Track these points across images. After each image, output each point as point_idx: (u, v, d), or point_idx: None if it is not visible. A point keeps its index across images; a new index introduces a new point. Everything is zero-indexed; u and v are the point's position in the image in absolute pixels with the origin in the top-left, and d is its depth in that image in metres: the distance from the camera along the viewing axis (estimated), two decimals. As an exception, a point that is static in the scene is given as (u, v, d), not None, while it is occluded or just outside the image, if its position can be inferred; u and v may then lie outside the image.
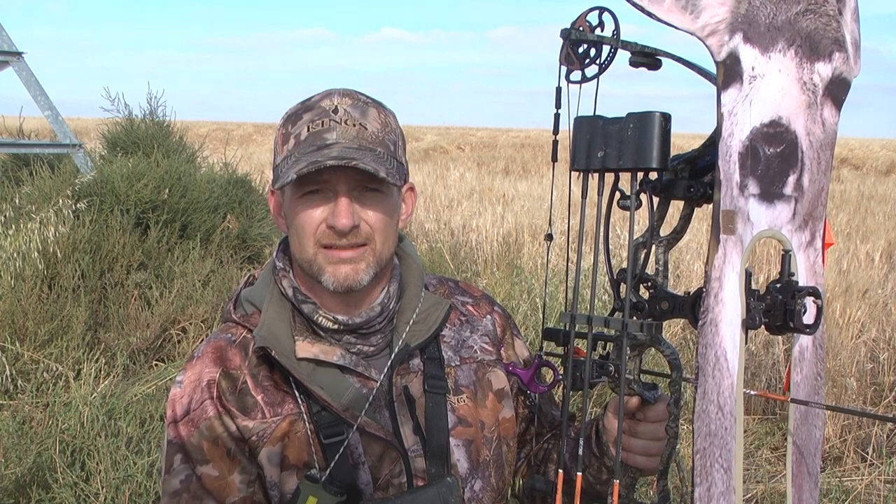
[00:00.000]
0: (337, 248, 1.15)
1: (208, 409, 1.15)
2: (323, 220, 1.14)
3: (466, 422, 1.23)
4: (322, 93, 1.19)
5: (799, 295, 0.87)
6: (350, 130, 1.14)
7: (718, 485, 0.85)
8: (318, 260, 1.16)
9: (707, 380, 0.84)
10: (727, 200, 0.86)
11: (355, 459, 1.15)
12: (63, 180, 6.34)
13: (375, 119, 1.17)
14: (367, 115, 1.17)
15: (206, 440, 1.15)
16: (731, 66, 0.86)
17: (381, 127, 1.17)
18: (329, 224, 1.14)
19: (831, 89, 0.96)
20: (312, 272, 1.18)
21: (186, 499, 1.13)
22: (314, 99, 1.18)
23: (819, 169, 0.96)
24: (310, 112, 1.16)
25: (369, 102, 1.19)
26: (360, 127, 1.15)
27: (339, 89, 1.19)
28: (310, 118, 1.15)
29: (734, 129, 0.86)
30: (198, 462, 1.14)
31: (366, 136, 1.15)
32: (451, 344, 1.27)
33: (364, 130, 1.15)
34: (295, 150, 1.15)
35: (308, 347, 1.17)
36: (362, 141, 1.14)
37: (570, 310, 0.98)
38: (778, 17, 0.90)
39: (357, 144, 1.14)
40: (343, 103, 1.16)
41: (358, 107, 1.17)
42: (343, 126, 1.14)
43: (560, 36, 0.99)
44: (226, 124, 37.83)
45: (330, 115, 1.15)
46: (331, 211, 1.14)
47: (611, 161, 0.92)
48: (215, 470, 1.14)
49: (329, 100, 1.17)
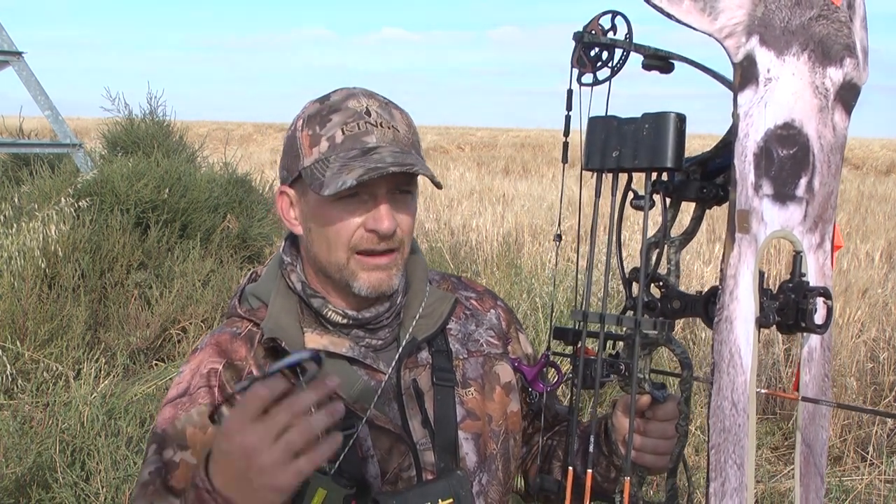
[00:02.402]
0: (373, 255, 1.15)
1: (203, 396, 1.15)
2: (361, 225, 1.14)
3: (475, 415, 1.23)
4: (342, 92, 1.17)
5: (810, 295, 0.88)
6: (388, 133, 1.14)
7: (732, 481, 0.86)
8: (350, 266, 1.15)
9: (722, 376, 0.85)
10: (742, 200, 0.87)
11: (364, 452, 1.15)
12: (63, 180, 6.34)
13: (402, 121, 1.17)
14: (394, 118, 1.17)
15: (192, 426, 1.14)
16: (748, 68, 0.87)
17: (407, 129, 1.18)
18: (370, 228, 1.13)
19: (842, 94, 0.97)
20: (342, 277, 1.16)
21: (152, 490, 1.12)
22: (335, 99, 1.16)
23: (829, 172, 0.97)
24: (338, 114, 1.14)
25: (389, 103, 1.19)
26: (394, 130, 1.15)
27: (359, 89, 1.18)
28: (341, 120, 1.14)
29: (749, 131, 0.87)
30: (178, 448, 1.13)
31: (399, 138, 1.15)
32: (457, 337, 1.28)
33: (398, 133, 1.15)
34: (332, 153, 1.13)
35: (317, 339, 1.17)
36: (400, 144, 1.14)
37: (582, 307, 0.99)
38: (793, 21, 0.91)
39: (399, 148, 1.14)
40: (372, 105, 1.16)
41: (385, 108, 1.17)
42: (380, 129, 1.14)
43: (573, 39, 0.99)
44: (226, 124, 37.78)
45: (364, 117, 1.14)
46: (370, 215, 1.13)
47: (626, 161, 0.93)
48: (194, 458, 1.13)
49: (356, 101, 1.15)
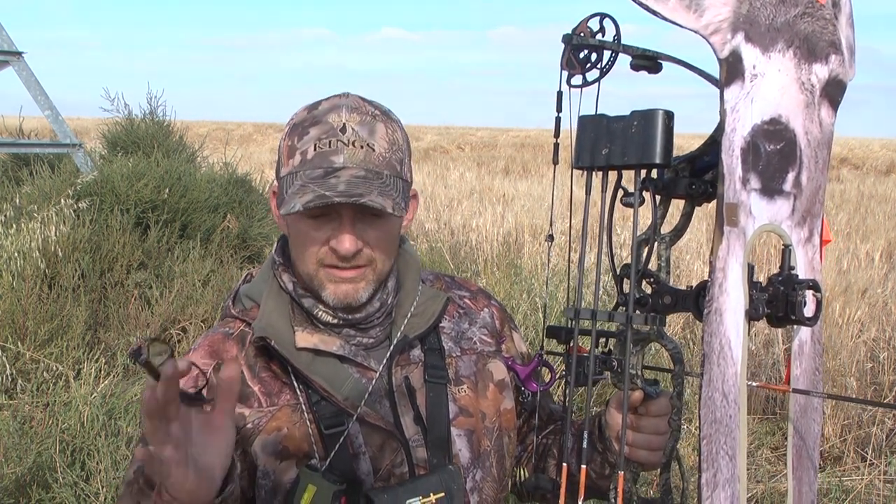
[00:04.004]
0: (339, 269, 1.16)
1: None
2: (326, 242, 1.15)
3: (467, 412, 1.24)
4: (329, 101, 1.17)
5: (799, 287, 0.89)
6: (358, 153, 1.13)
7: (724, 471, 0.87)
8: (318, 276, 1.17)
9: (712, 368, 0.87)
10: (730, 194, 0.88)
11: (355, 449, 1.16)
12: (63, 180, 6.34)
13: (383, 137, 1.16)
14: (374, 134, 1.16)
15: None
16: (734, 63, 0.89)
17: (388, 146, 1.16)
18: (332, 247, 1.14)
19: (828, 90, 0.98)
20: (313, 286, 1.19)
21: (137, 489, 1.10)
22: (321, 109, 1.17)
23: (817, 167, 0.98)
24: (317, 127, 1.15)
25: (377, 116, 1.18)
26: (367, 149, 1.14)
27: (347, 101, 1.17)
28: (317, 135, 1.14)
29: (736, 126, 0.89)
30: None
31: (373, 158, 1.14)
32: (450, 335, 1.28)
33: (371, 152, 1.14)
34: (301, 169, 1.14)
35: (308, 337, 1.18)
36: (369, 164, 1.14)
37: (574, 304, 1.00)
38: (777, 18, 0.92)
39: (364, 169, 1.13)
40: (351, 120, 1.15)
41: (366, 124, 1.16)
42: (351, 148, 1.13)
43: (562, 41, 1.01)
44: (226, 124, 37.80)
45: (338, 134, 1.14)
46: (334, 234, 1.14)
47: (615, 158, 0.94)
48: None
49: (337, 115, 1.15)
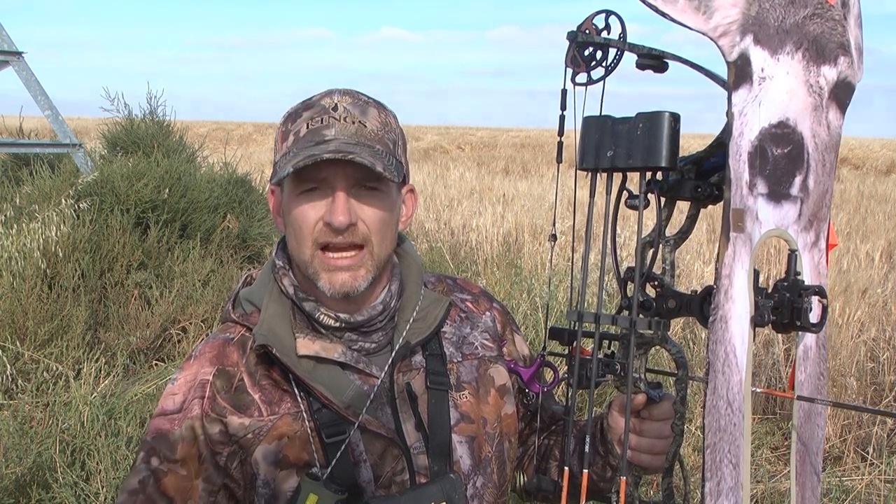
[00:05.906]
0: (334, 250, 1.15)
1: (195, 408, 1.15)
2: (320, 218, 1.14)
3: (469, 418, 1.23)
4: (323, 92, 1.20)
5: (805, 293, 0.88)
6: (349, 127, 1.15)
7: (727, 480, 0.86)
8: (314, 263, 1.16)
9: (717, 375, 0.85)
10: (737, 199, 0.87)
11: (356, 457, 1.15)
12: (63, 180, 6.33)
13: (375, 118, 1.18)
14: (366, 114, 1.17)
15: (183, 440, 1.14)
16: (742, 66, 0.87)
17: (380, 126, 1.18)
18: (326, 221, 1.13)
19: (836, 92, 0.97)
20: (309, 275, 1.17)
21: (142, 499, 1.13)
22: (314, 98, 1.19)
23: (824, 171, 0.97)
24: (310, 110, 1.17)
25: (370, 102, 1.19)
26: (359, 124, 1.15)
27: (340, 88, 1.19)
28: (309, 115, 1.16)
29: (744, 129, 0.87)
30: (167, 459, 1.14)
31: (365, 133, 1.15)
32: (452, 340, 1.27)
33: (363, 128, 1.16)
34: (293, 147, 1.15)
35: (309, 345, 1.17)
36: (361, 138, 1.15)
37: (577, 307, 0.99)
38: (787, 20, 0.91)
39: (355, 140, 1.14)
40: (343, 101, 1.17)
41: (358, 105, 1.18)
42: (342, 123, 1.15)
43: (566, 38, 0.99)
44: (226, 124, 37.77)
45: (329, 112, 1.16)
46: (328, 208, 1.13)
47: (620, 160, 0.93)
48: (184, 469, 1.14)
49: (329, 98, 1.18)
